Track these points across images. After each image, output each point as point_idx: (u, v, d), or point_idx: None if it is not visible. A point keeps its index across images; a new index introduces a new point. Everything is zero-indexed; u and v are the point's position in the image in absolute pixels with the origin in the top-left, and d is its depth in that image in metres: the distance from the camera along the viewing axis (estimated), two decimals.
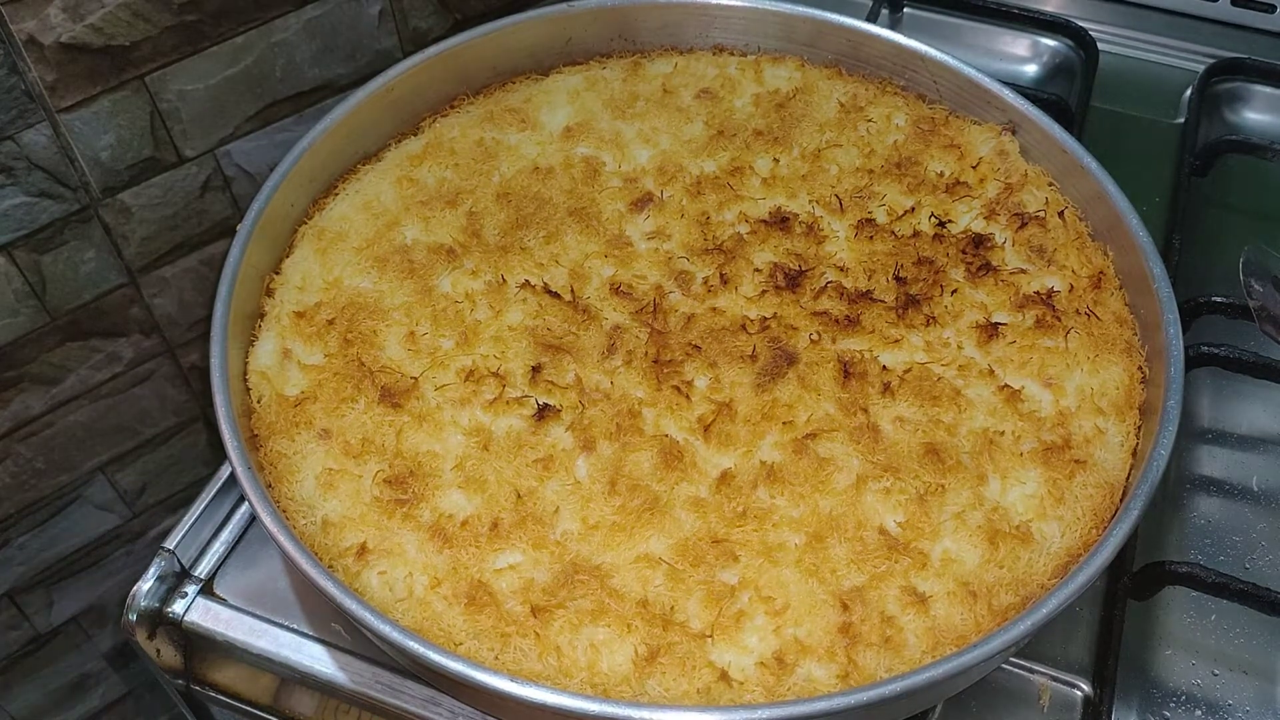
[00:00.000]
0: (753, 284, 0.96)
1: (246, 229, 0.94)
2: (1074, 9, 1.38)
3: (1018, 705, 0.87)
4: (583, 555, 0.80)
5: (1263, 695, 0.88)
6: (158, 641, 0.92)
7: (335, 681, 0.88)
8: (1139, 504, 0.79)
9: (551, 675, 0.75)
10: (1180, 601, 0.92)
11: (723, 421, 0.87)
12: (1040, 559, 0.80)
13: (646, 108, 1.10)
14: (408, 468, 0.85)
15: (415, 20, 1.20)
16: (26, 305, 1.11)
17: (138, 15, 1.01)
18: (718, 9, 1.13)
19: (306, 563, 0.76)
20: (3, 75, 0.97)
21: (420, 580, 0.79)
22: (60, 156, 1.05)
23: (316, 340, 0.92)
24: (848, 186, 1.03)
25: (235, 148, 1.16)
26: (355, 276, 0.96)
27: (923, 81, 1.10)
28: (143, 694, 1.51)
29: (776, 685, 0.75)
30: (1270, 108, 1.31)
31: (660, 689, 0.75)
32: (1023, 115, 1.04)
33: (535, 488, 0.84)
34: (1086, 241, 0.98)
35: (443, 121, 1.09)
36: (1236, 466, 1.01)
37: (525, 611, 0.77)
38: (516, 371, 0.90)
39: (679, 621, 0.77)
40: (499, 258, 0.98)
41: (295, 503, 0.84)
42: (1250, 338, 1.04)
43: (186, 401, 1.31)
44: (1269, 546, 0.96)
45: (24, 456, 1.20)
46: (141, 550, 1.38)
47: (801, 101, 1.10)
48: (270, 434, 0.86)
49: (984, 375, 0.90)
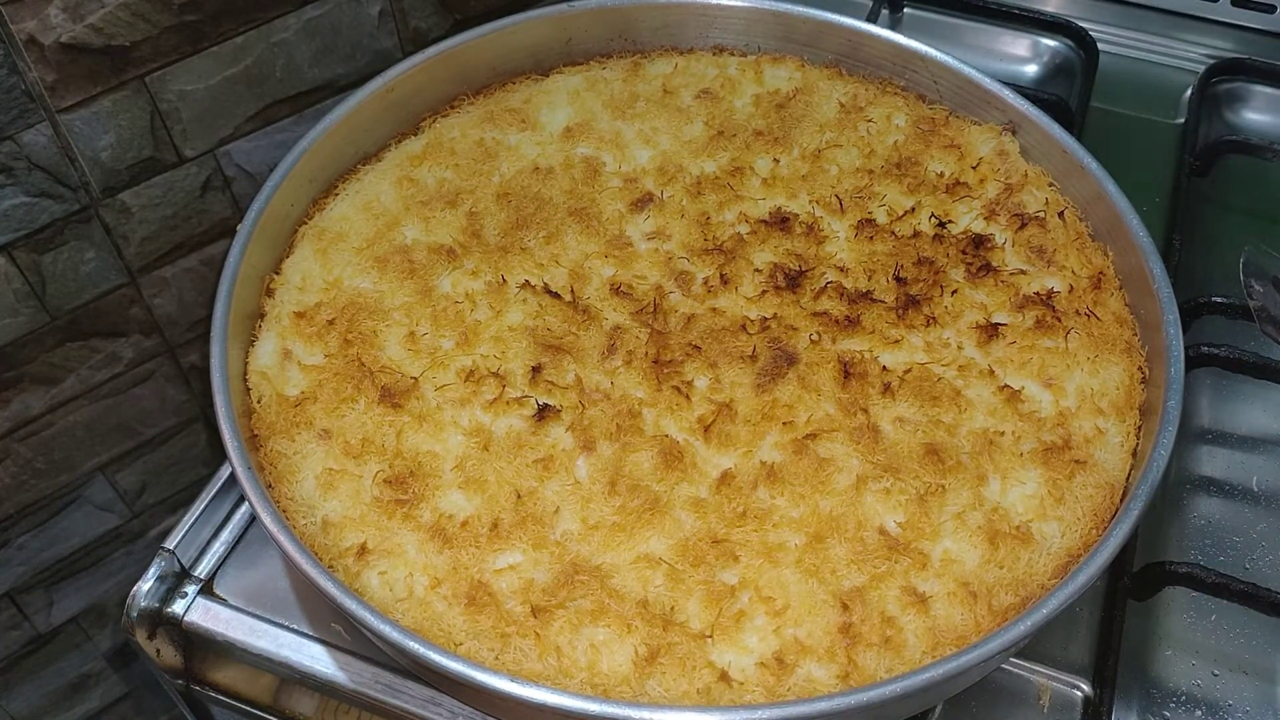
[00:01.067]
0: (753, 284, 0.96)
1: (246, 229, 0.94)
2: (1074, 9, 1.38)
3: (1018, 705, 0.87)
4: (583, 555, 0.80)
5: (1263, 695, 0.88)
6: (158, 641, 0.92)
7: (335, 681, 0.88)
8: (1139, 504, 0.79)
9: (551, 675, 0.75)
10: (1180, 601, 0.92)
11: (723, 422, 0.87)
12: (1040, 559, 0.81)
13: (646, 108, 1.10)
14: (408, 468, 0.85)
15: (415, 20, 1.20)
16: (26, 305, 1.11)
17: (138, 15, 1.01)
18: (718, 9, 1.13)
19: (307, 563, 0.76)
20: (3, 75, 0.97)
21: (420, 580, 0.79)
22: (60, 156, 1.05)
23: (316, 340, 0.92)
24: (848, 187, 1.03)
25: (235, 148, 1.16)
26: (355, 277, 0.96)
27: (923, 82, 1.10)
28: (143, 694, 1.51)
29: (776, 685, 0.75)
30: (1270, 108, 1.31)
31: (660, 689, 0.75)
32: (1023, 115, 1.04)
33: (535, 488, 0.84)
34: (1086, 242, 0.98)
35: (443, 122, 1.09)
36: (1236, 466, 1.01)
37: (525, 612, 0.77)
38: (516, 372, 0.90)
39: (679, 622, 0.77)
40: (499, 258, 0.98)
41: (295, 503, 0.84)
42: (1250, 338, 1.04)
43: (186, 401, 1.31)
44: (1269, 546, 0.96)
45: (24, 456, 1.20)
46: (141, 550, 1.38)
47: (801, 102, 1.10)
48: (270, 434, 0.86)
49: (984, 376, 0.90)
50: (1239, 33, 1.35)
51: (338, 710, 0.92)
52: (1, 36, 0.96)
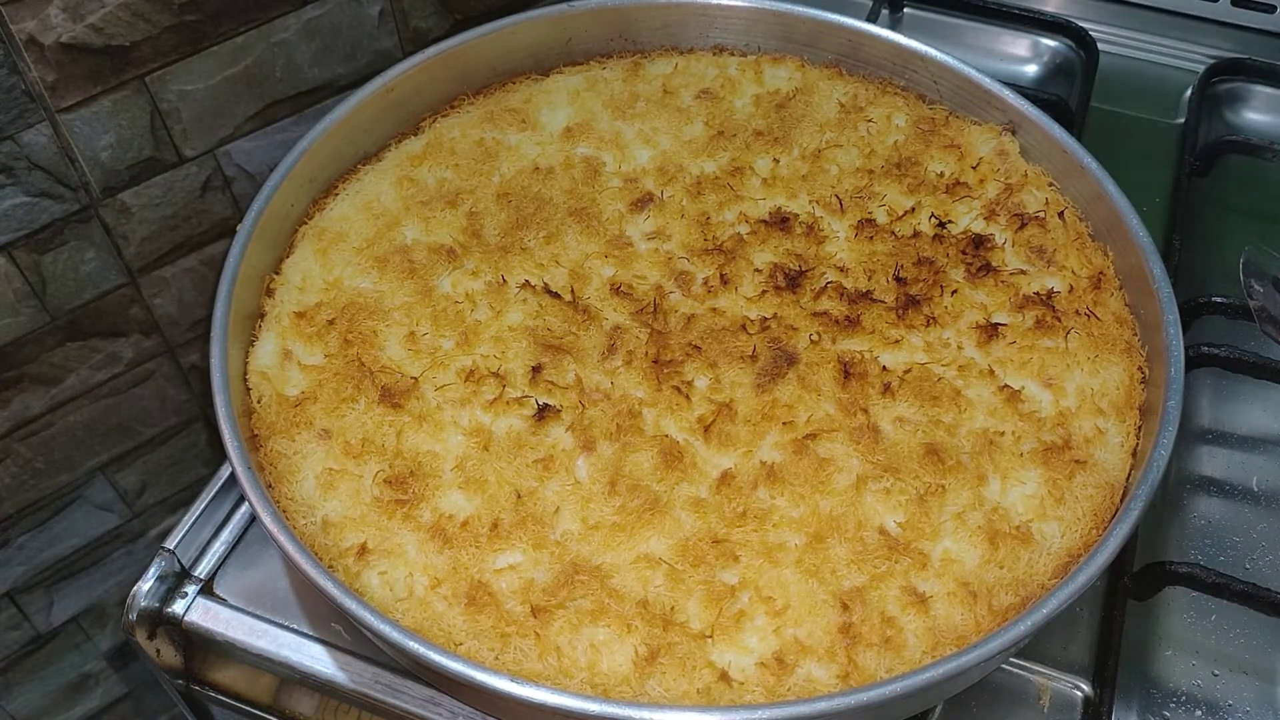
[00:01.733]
0: (753, 284, 0.96)
1: (246, 229, 0.94)
2: (1074, 9, 1.38)
3: (1018, 705, 0.87)
4: (583, 555, 0.80)
5: (1263, 695, 0.88)
6: (158, 641, 0.92)
7: (335, 681, 0.88)
8: (1139, 504, 0.79)
9: (552, 675, 0.75)
10: (1180, 601, 0.92)
11: (723, 422, 0.87)
12: (1040, 559, 0.81)
13: (647, 108, 1.10)
14: (408, 468, 0.85)
15: (415, 20, 1.20)
16: (26, 305, 1.11)
17: (138, 15, 1.01)
18: (718, 9, 1.13)
19: (307, 563, 0.76)
20: (3, 75, 0.97)
21: (420, 580, 0.79)
22: (60, 156, 1.05)
23: (317, 340, 0.92)
24: (848, 187, 1.03)
25: (235, 148, 1.16)
26: (355, 277, 0.96)
27: (923, 82, 1.10)
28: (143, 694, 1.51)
29: (777, 685, 0.75)
30: (1270, 108, 1.31)
31: (660, 689, 0.75)
32: (1023, 115, 1.04)
33: (535, 488, 0.84)
34: (1086, 242, 0.98)
35: (443, 122, 1.09)
36: (1236, 466, 1.01)
37: (525, 612, 0.77)
38: (517, 372, 0.90)
39: (679, 622, 0.77)
40: (499, 258, 0.98)
41: (295, 503, 0.83)
42: (1250, 338, 1.04)
43: (186, 401, 1.31)
44: (1269, 546, 0.96)
45: (24, 456, 1.20)
46: (141, 550, 1.38)
47: (801, 102, 1.10)
48: (270, 434, 0.86)
49: (984, 376, 0.90)
50: (1239, 33, 1.35)
51: (338, 710, 0.92)
52: (1, 36, 0.96)
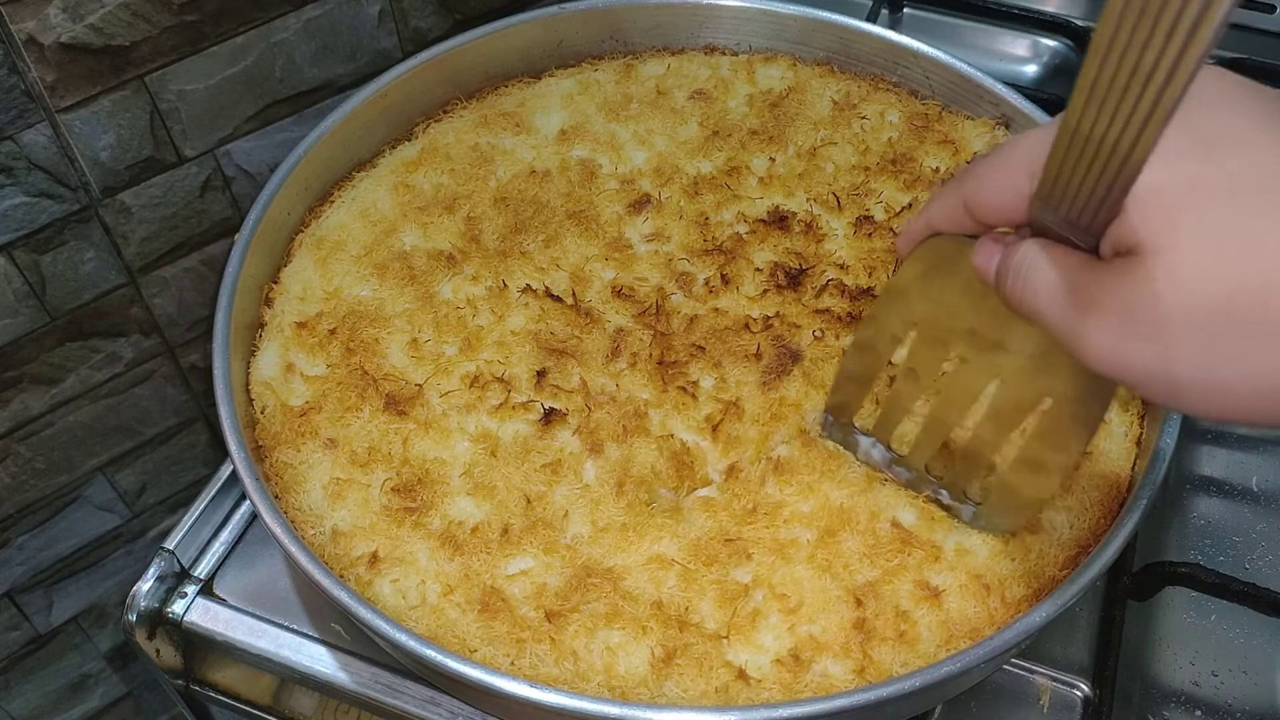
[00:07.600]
0: (754, 283, 0.96)
1: (245, 239, 0.93)
2: (1074, 9, 1.38)
3: (1018, 705, 0.87)
4: (594, 558, 0.80)
5: (1263, 695, 0.88)
6: (157, 641, 0.92)
7: (335, 681, 0.88)
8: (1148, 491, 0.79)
9: (569, 679, 0.75)
10: (1180, 601, 0.92)
11: (731, 421, 0.87)
12: (1051, 550, 0.80)
13: (640, 109, 1.10)
14: (415, 475, 0.84)
15: (415, 20, 1.20)
16: (26, 305, 1.11)
17: (138, 15, 1.01)
18: (708, 9, 1.13)
19: (321, 575, 0.75)
20: (3, 75, 0.97)
21: (433, 588, 0.79)
22: (60, 156, 1.04)
23: (319, 350, 0.91)
24: (844, 184, 1.03)
25: (235, 148, 1.15)
26: (355, 285, 0.96)
27: (914, 77, 1.10)
28: (143, 694, 1.51)
29: (794, 682, 0.75)
30: None
31: (678, 690, 0.75)
32: (1015, 109, 1.04)
33: (544, 492, 0.84)
34: None
35: (437, 127, 1.08)
36: (1236, 466, 1.01)
37: (539, 616, 0.77)
38: (521, 376, 0.90)
39: (694, 622, 0.77)
40: (499, 262, 0.98)
41: (304, 513, 0.83)
42: None
43: (186, 401, 1.30)
44: (1269, 546, 0.96)
45: (24, 456, 1.20)
46: (141, 550, 1.38)
47: (795, 100, 1.10)
48: (275, 444, 0.86)
49: None
50: (1239, 33, 1.35)
51: (338, 710, 0.92)
52: (1, 36, 0.95)
